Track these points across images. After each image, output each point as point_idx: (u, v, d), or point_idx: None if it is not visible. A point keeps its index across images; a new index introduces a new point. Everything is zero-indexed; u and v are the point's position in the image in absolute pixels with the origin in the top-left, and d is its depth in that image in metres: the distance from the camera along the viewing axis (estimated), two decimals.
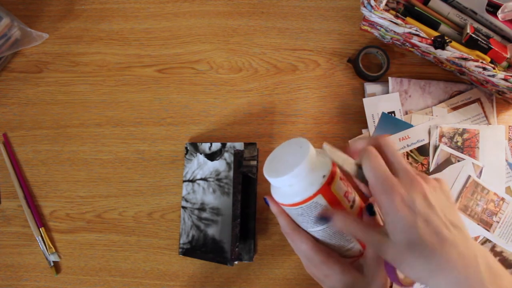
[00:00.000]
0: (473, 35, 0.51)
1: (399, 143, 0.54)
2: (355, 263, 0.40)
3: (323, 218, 0.36)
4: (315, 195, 0.36)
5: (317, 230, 0.39)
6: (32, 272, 0.55)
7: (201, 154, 0.55)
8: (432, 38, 0.49)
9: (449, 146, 0.54)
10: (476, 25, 0.53)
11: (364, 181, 0.36)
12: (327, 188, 0.37)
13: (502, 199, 0.52)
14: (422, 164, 0.54)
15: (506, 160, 0.54)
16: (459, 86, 0.56)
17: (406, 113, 0.55)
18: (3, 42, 0.56)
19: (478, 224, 0.52)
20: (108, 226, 0.56)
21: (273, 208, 0.40)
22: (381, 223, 0.39)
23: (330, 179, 0.37)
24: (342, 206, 0.38)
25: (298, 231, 0.39)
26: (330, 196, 0.37)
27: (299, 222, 0.40)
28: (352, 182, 0.41)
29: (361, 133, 0.55)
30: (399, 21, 0.49)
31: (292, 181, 0.36)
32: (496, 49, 0.51)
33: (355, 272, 0.38)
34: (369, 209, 0.40)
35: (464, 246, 0.31)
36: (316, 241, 0.40)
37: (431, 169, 0.53)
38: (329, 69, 0.58)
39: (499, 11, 0.50)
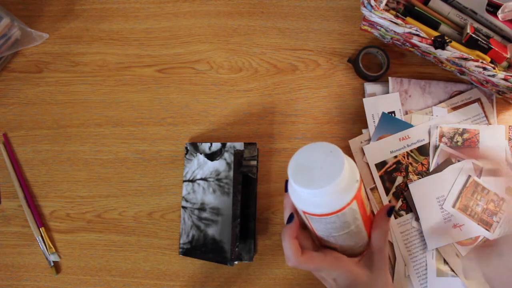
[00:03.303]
0: (473, 35, 0.51)
1: (399, 143, 0.54)
2: (362, 260, 0.41)
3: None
4: (351, 201, 0.35)
5: (341, 234, 0.38)
6: (32, 272, 0.55)
7: (201, 154, 0.55)
8: (432, 38, 0.49)
9: (449, 146, 0.54)
10: (476, 25, 0.53)
11: None
12: (359, 193, 0.36)
13: (502, 199, 0.53)
14: (422, 164, 0.54)
15: (506, 160, 0.54)
16: (459, 86, 0.56)
17: (406, 113, 0.55)
18: (3, 42, 0.56)
19: (478, 224, 0.52)
20: (108, 226, 0.56)
21: (287, 244, 0.39)
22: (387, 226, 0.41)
23: (361, 183, 0.36)
24: (365, 207, 0.38)
25: (306, 259, 0.39)
26: (360, 199, 0.36)
27: (322, 229, 0.38)
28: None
29: (361, 133, 0.56)
30: (399, 21, 0.49)
31: (332, 190, 0.34)
32: (496, 49, 0.51)
33: (360, 270, 0.40)
34: (390, 211, 0.41)
35: None
36: (325, 247, 0.41)
37: (431, 169, 0.53)
38: (329, 69, 0.58)
39: (499, 11, 0.50)
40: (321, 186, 0.33)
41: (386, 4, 0.55)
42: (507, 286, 0.39)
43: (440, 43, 0.48)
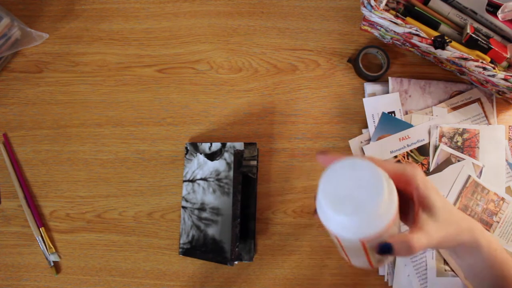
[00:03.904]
0: (473, 35, 0.51)
1: (399, 143, 0.54)
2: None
3: (385, 249, 0.34)
4: (396, 215, 0.33)
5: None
6: (32, 272, 0.55)
7: (201, 154, 0.55)
8: (432, 38, 0.49)
9: (449, 146, 0.54)
10: (476, 25, 0.53)
11: None
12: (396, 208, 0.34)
13: (502, 199, 0.53)
14: (422, 164, 0.54)
15: (506, 160, 0.54)
16: (459, 86, 0.56)
17: (406, 113, 0.55)
18: (3, 42, 0.56)
19: None
20: (108, 226, 0.56)
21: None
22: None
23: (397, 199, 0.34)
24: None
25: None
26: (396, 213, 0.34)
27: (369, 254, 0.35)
28: None
29: (361, 133, 0.56)
30: (399, 21, 0.49)
31: (376, 211, 0.31)
32: (496, 49, 0.51)
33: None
34: None
35: None
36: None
37: (431, 169, 0.53)
38: (329, 69, 0.58)
39: (499, 11, 0.50)
40: (367, 211, 0.30)
41: (386, 4, 0.55)
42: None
43: (440, 43, 0.48)
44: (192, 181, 0.55)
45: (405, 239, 0.35)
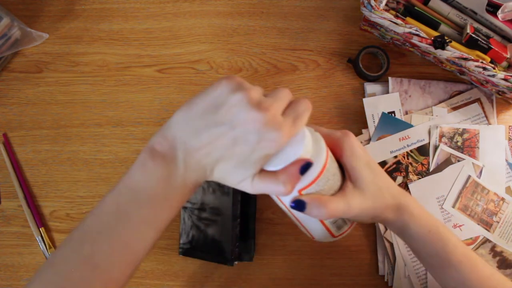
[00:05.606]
0: (473, 35, 0.51)
1: (399, 143, 0.54)
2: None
3: (299, 204, 0.35)
4: (327, 157, 0.35)
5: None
6: (32, 272, 0.55)
7: None
8: (432, 38, 0.49)
9: (449, 146, 0.54)
10: (476, 25, 0.53)
11: None
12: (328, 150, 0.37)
13: (502, 199, 0.53)
14: (422, 164, 0.54)
15: (506, 160, 0.54)
16: (459, 86, 0.56)
17: (406, 113, 0.55)
18: (3, 42, 0.56)
19: (478, 224, 0.52)
20: None
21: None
22: None
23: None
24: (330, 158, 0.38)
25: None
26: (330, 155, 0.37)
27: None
28: None
29: (361, 133, 0.56)
30: (399, 21, 0.49)
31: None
32: (496, 49, 0.51)
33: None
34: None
35: None
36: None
37: (431, 169, 0.53)
38: (329, 69, 0.58)
39: (499, 11, 0.50)
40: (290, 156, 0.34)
41: (386, 4, 0.55)
42: None
43: (440, 43, 0.48)
44: None
45: (320, 200, 0.35)
